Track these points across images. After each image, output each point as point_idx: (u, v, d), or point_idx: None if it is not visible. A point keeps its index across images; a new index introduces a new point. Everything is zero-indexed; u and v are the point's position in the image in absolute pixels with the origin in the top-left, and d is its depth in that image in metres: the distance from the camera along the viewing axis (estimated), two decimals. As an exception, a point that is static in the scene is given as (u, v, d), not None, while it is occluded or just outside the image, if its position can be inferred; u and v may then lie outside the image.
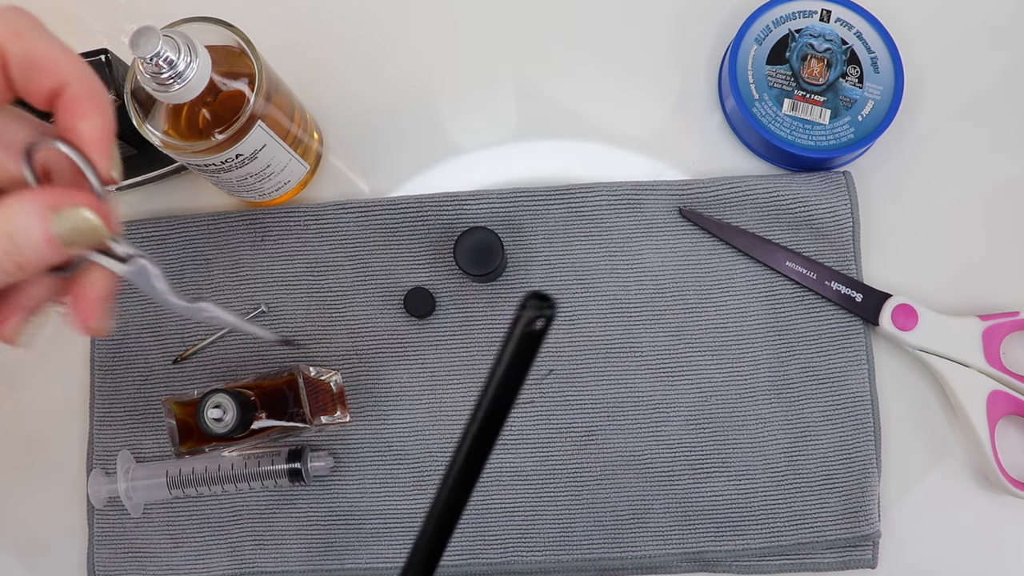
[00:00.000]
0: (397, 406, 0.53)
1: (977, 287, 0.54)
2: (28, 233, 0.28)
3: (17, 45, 0.29)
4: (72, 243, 0.29)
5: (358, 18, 0.58)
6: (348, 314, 0.54)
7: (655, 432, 0.52)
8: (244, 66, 0.45)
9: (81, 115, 0.30)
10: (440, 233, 0.54)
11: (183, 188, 0.57)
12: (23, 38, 0.29)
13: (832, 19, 0.53)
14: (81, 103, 0.30)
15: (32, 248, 0.29)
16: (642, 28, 0.57)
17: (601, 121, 0.56)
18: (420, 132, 0.57)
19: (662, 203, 0.54)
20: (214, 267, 0.55)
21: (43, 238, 0.28)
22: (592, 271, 0.54)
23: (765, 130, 0.52)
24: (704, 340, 0.53)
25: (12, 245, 0.28)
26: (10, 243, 0.28)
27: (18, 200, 0.29)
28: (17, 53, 0.29)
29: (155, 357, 0.55)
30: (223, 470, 0.51)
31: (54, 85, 0.29)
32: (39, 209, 0.28)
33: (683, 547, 0.51)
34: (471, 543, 0.52)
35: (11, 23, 0.29)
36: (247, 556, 0.53)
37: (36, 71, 0.29)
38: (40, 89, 0.30)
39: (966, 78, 0.56)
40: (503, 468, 0.52)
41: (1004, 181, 0.55)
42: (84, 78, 0.30)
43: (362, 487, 0.53)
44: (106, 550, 0.53)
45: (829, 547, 0.51)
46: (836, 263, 0.53)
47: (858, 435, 0.52)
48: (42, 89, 0.30)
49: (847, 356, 0.53)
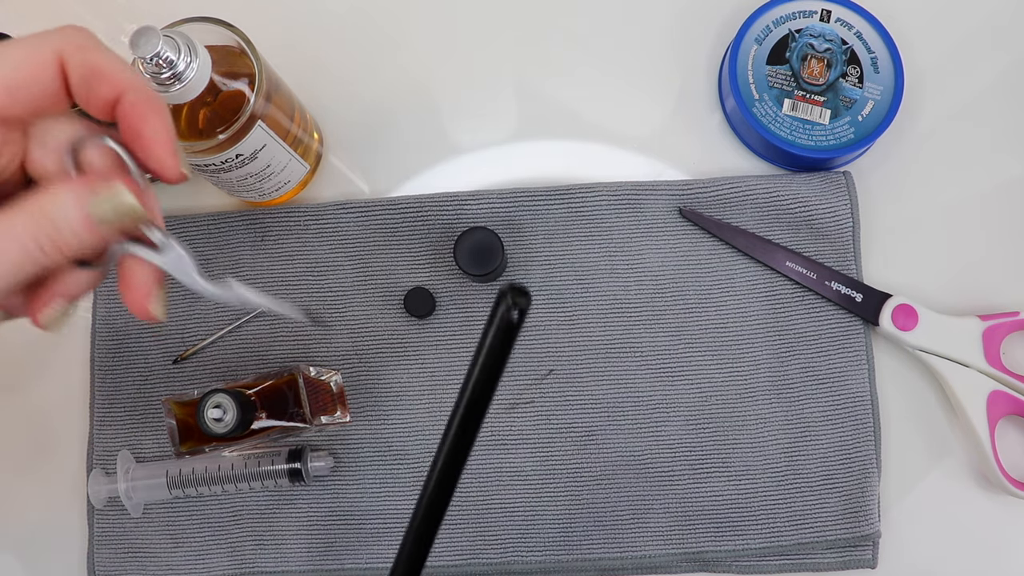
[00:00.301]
0: (397, 406, 0.53)
1: (977, 287, 0.54)
2: (67, 214, 0.30)
3: (78, 57, 0.31)
4: (109, 223, 0.30)
5: (358, 18, 0.58)
6: (348, 314, 0.54)
7: (655, 432, 0.52)
8: (244, 66, 0.45)
9: (143, 119, 0.31)
10: (440, 233, 0.54)
11: (183, 188, 0.57)
12: (84, 51, 0.31)
13: (832, 19, 0.53)
14: (141, 108, 0.31)
15: (71, 229, 0.30)
16: (642, 28, 0.57)
17: (601, 121, 0.57)
18: (420, 132, 0.57)
19: (662, 203, 0.54)
20: (214, 267, 0.55)
21: (81, 218, 0.30)
22: (592, 271, 0.54)
23: (765, 130, 0.52)
24: (704, 340, 0.53)
25: (52, 227, 0.30)
26: (51, 225, 0.30)
27: (59, 185, 0.30)
28: (78, 65, 0.31)
29: (155, 357, 0.55)
30: (223, 470, 0.51)
31: (113, 94, 0.31)
32: (78, 192, 0.30)
33: (683, 547, 0.51)
34: (471, 543, 0.52)
35: (73, 38, 0.31)
36: (247, 556, 0.53)
37: (96, 80, 0.31)
38: (99, 98, 0.31)
39: (966, 78, 0.56)
40: (503, 468, 0.53)
41: (1004, 181, 0.55)
42: (141, 86, 0.32)
43: (362, 487, 0.53)
44: (106, 550, 0.53)
45: (829, 547, 0.51)
46: (836, 263, 0.53)
47: (858, 435, 0.52)
48: (102, 98, 0.31)
49: (847, 356, 0.53)
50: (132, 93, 0.31)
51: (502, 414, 0.53)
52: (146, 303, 0.33)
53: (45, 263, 0.30)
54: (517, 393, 0.53)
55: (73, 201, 0.30)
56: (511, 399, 0.53)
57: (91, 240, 0.30)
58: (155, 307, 0.34)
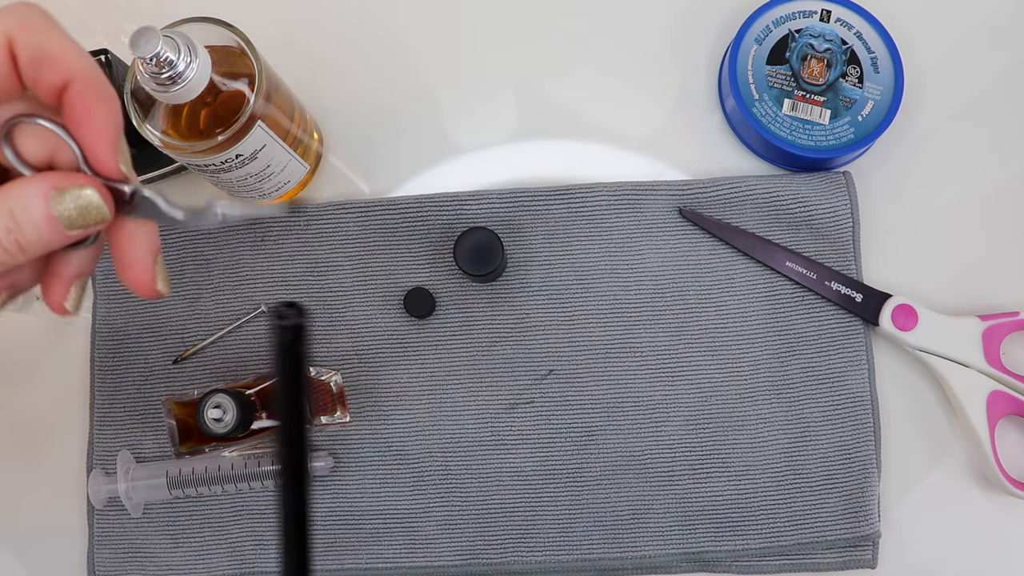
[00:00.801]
0: (397, 406, 0.53)
1: (977, 287, 0.54)
2: (29, 210, 0.29)
3: (27, 38, 0.29)
4: (72, 223, 0.29)
5: (358, 18, 0.58)
6: (348, 314, 0.54)
7: (655, 432, 0.52)
8: (244, 66, 0.45)
9: (88, 111, 0.30)
10: (440, 233, 0.54)
11: (183, 188, 0.57)
12: (33, 31, 0.29)
13: (832, 19, 0.53)
14: (87, 98, 0.30)
15: (33, 225, 0.29)
16: (642, 28, 0.57)
17: (601, 121, 0.57)
18: (420, 132, 0.57)
19: (662, 203, 0.54)
20: (214, 267, 0.55)
21: (44, 215, 0.29)
22: (592, 271, 0.54)
23: (765, 130, 0.52)
24: (704, 340, 0.53)
25: (13, 222, 0.29)
26: (11, 220, 0.29)
27: (23, 180, 0.29)
28: (26, 46, 0.29)
29: (155, 357, 0.55)
30: (223, 470, 0.52)
31: (61, 79, 0.30)
32: (42, 188, 0.29)
33: (683, 547, 0.51)
34: (471, 543, 0.52)
35: (21, 17, 0.29)
36: (247, 556, 0.53)
37: (44, 64, 0.29)
38: (47, 82, 0.30)
39: (966, 78, 0.56)
40: (503, 468, 0.53)
41: (1004, 181, 0.55)
42: (91, 74, 0.30)
43: (362, 487, 0.53)
44: (106, 550, 0.53)
45: (829, 547, 0.51)
46: (836, 263, 0.53)
47: (858, 435, 0.52)
48: (49, 82, 0.30)
49: (847, 356, 0.53)
50: (80, 81, 0.30)
51: (502, 414, 0.53)
52: (148, 279, 0.32)
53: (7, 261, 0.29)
54: (517, 393, 0.53)
55: (38, 199, 0.29)
56: (511, 399, 0.53)
57: (54, 239, 0.29)
58: (158, 282, 0.33)
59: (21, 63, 0.29)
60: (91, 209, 0.29)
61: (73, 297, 0.32)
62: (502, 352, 0.53)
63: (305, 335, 0.28)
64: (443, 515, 0.52)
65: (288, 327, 0.28)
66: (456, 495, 0.53)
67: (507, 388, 0.53)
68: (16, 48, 0.29)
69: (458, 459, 0.53)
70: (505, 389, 0.53)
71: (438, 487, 0.53)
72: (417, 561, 0.52)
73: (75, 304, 0.33)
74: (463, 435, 0.53)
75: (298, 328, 0.28)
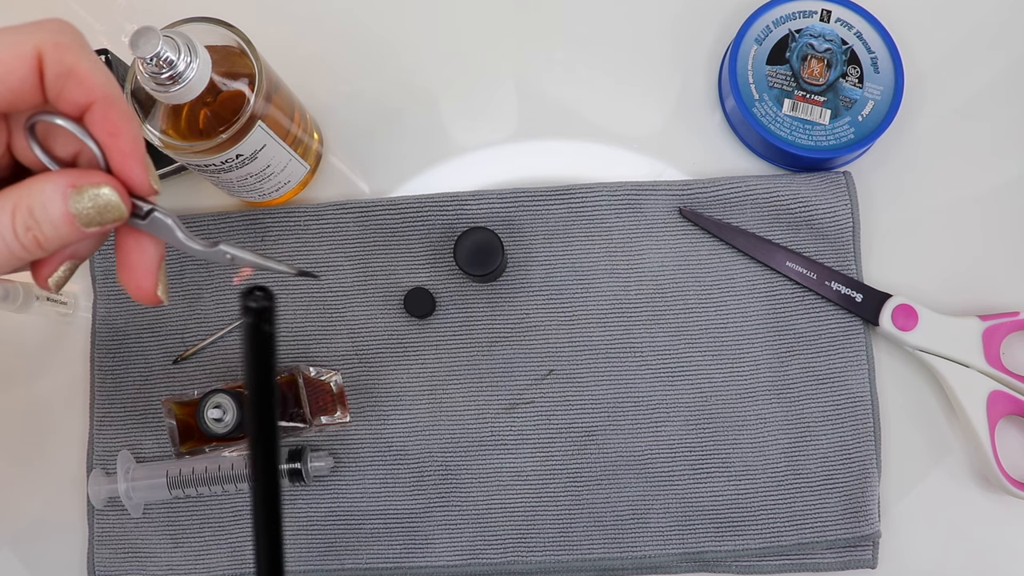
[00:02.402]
0: (397, 406, 0.53)
1: (977, 287, 0.54)
2: (48, 208, 0.29)
3: (56, 54, 0.30)
4: (90, 221, 0.30)
5: (358, 18, 0.58)
6: (348, 314, 0.54)
7: (655, 432, 0.52)
8: (244, 66, 0.45)
9: (115, 128, 0.31)
10: (440, 233, 0.54)
11: (183, 188, 0.57)
12: (63, 49, 0.30)
13: (832, 19, 0.53)
14: (112, 116, 0.31)
15: (51, 223, 0.29)
16: (642, 28, 0.57)
17: (601, 121, 0.57)
18: (420, 132, 0.57)
19: (662, 203, 0.54)
20: (214, 267, 0.55)
21: (62, 213, 0.29)
22: (592, 271, 0.54)
23: (765, 130, 0.52)
24: (704, 340, 0.53)
25: (32, 219, 0.29)
26: (30, 217, 0.29)
27: (43, 177, 0.30)
28: (55, 62, 0.30)
29: (155, 357, 0.55)
30: (223, 470, 0.51)
31: (85, 98, 0.31)
32: (61, 186, 0.30)
33: (683, 547, 0.51)
34: (471, 543, 0.52)
35: (55, 33, 0.30)
36: (247, 556, 0.53)
37: (70, 81, 0.30)
38: (71, 99, 0.31)
39: (966, 78, 0.56)
40: (503, 468, 0.53)
41: (1004, 181, 0.55)
42: (114, 96, 0.31)
43: (362, 487, 0.53)
44: (106, 550, 0.53)
45: (829, 547, 0.51)
46: (836, 263, 0.53)
47: (858, 435, 0.52)
48: (73, 99, 0.31)
49: (847, 356, 0.53)
50: (104, 101, 0.30)
51: (502, 414, 0.53)
52: (150, 286, 0.33)
53: (24, 257, 0.30)
54: (517, 393, 0.53)
55: (57, 196, 0.29)
56: (511, 399, 0.53)
57: (71, 235, 0.30)
58: (159, 290, 0.33)
59: (47, 78, 0.30)
60: (109, 207, 0.30)
61: (59, 276, 0.33)
62: (502, 352, 0.53)
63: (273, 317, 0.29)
64: (443, 515, 0.52)
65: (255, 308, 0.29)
66: (456, 495, 0.53)
67: (507, 388, 0.53)
68: (45, 62, 0.30)
69: (458, 459, 0.53)
70: (505, 389, 0.53)
71: (438, 487, 0.53)
72: (417, 561, 0.52)
73: (58, 283, 0.33)
74: (463, 435, 0.53)
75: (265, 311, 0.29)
